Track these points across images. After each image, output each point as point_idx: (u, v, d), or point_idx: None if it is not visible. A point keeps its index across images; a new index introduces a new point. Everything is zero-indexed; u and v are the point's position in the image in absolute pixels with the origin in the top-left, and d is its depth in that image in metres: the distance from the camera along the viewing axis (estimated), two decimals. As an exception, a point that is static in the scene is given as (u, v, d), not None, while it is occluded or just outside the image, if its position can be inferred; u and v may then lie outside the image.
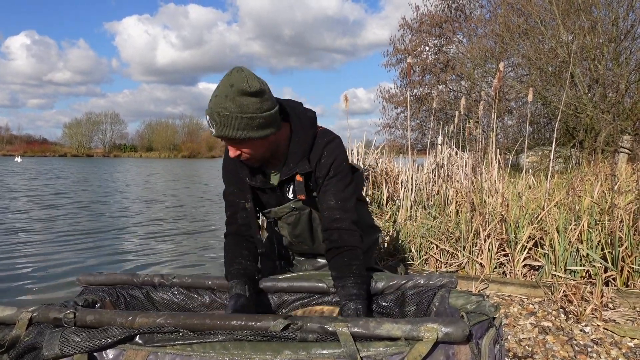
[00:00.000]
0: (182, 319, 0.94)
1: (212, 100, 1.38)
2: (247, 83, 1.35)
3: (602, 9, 9.75)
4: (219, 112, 1.35)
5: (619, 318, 2.14)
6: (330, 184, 1.55)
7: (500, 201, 3.13)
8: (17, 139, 70.21)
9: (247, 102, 1.36)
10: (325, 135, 1.60)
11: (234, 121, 1.36)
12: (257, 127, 1.40)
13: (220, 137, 1.40)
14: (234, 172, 1.63)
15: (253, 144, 1.43)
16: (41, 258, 4.13)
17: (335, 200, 1.54)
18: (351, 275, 1.42)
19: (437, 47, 15.61)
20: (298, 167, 1.54)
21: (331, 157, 1.55)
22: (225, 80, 1.37)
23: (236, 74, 1.37)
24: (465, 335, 0.88)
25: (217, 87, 1.39)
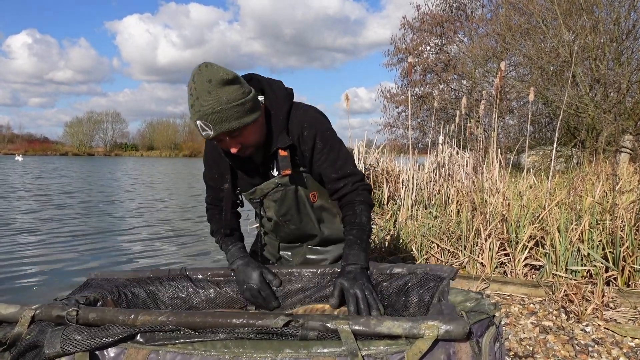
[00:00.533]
0: (184, 317, 0.94)
1: (195, 105, 1.35)
2: (224, 72, 1.34)
3: (603, 9, 9.74)
4: (211, 111, 1.33)
5: (620, 318, 2.14)
6: (324, 157, 1.54)
7: (501, 201, 3.12)
8: (19, 138, 70.32)
9: (232, 91, 1.35)
10: (300, 106, 1.58)
11: (229, 112, 1.34)
12: (249, 112, 1.39)
13: (219, 135, 1.37)
14: (213, 153, 1.62)
15: (249, 131, 1.42)
16: (46, 257, 4.14)
17: (335, 171, 1.54)
18: (346, 225, 1.51)
19: (438, 47, 15.59)
20: (278, 141, 1.51)
21: (313, 128, 1.53)
22: (199, 79, 1.34)
23: (206, 69, 1.35)
24: (465, 333, 0.88)
25: (193, 90, 1.35)
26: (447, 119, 12.84)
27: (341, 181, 1.54)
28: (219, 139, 1.40)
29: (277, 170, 1.56)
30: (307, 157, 1.55)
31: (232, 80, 1.36)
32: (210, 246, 4.70)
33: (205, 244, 4.90)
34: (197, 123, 1.36)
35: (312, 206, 1.63)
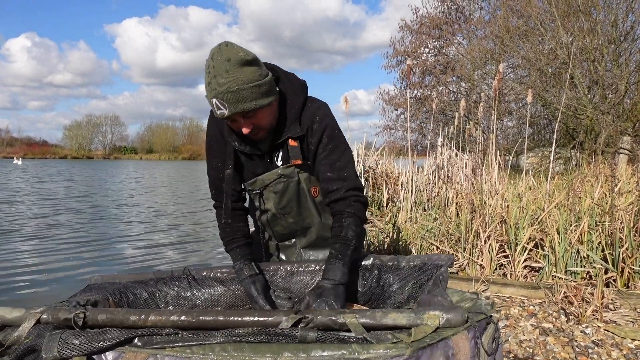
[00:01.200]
0: (195, 316, 0.95)
1: (212, 83, 1.33)
2: (244, 52, 1.34)
3: (601, 11, 9.77)
4: (228, 90, 1.32)
5: (620, 319, 2.14)
6: (325, 153, 1.52)
7: (500, 202, 3.12)
8: (18, 141, 70.34)
9: (250, 71, 1.34)
10: (315, 100, 1.58)
11: (245, 92, 1.33)
12: (265, 94, 1.38)
13: (234, 115, 1.36)
14: (219, 140, 1.59)
15: (263, 113, 1.41)
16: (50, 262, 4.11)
17: (332, 170, 1.51)
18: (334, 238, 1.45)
19: (436, 49, 15.63)
20: (290, 130, 1.50)
21: (323, 123, 1.53)
22: (217, 58, 1.33)
23: (226, 48, 1.34)
24: (464, 320, 0.92)
25: (211, 68, 1.34)
26: (446, 121, 12.86)
27: (336, 183, 1.50)
28: (232, 118, 1.39)
29: (282, 160, 1.56)
30: (312, 150, 1.54)
31: (250, 61, 1.36)
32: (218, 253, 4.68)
33: (214, 251, 4.89)
34: (212, 101, 1.35)
35: (313, 200, 1.62)
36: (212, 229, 6.15)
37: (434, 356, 0.88)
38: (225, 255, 4.13)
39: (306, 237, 1.70)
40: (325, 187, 1.51)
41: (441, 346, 0.90)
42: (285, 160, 1.56)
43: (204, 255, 4.30)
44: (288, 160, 1.55)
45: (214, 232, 5.72)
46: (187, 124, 75.92)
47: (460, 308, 0.95)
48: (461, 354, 0.91)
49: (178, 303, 1.49)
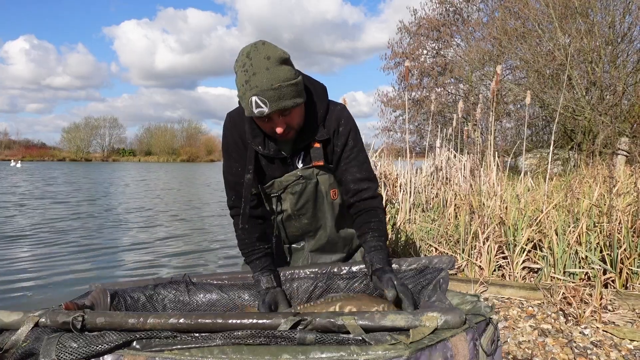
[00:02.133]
0: (193, 318, 0.95)
1: (252, 80, 1.33)
2: (281, 51, 1.36)
3: (598, 12, 9.80)
4: (270, 87, 1.32)
5: (618, 320, 2.14)
6: (352, 155, 1.56)
7: (499, 204, 3.13)
8: (16, 144, 70.19)
9: (287, 70, 1.36)
10: (337, 103, 1.61)
11: (286, 90, 1.34)
12: (300, 93, 1.41)
13: (273, 113, 1.36)
14: (239, 145, 1.58)
15: (297, 112, 1.43)
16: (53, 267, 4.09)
17: (360, 171, 1.55)
18: (370, 231, 1.49)
19: (435, 51, 15.66)
20: (316, 134, 1.52)
21: (348, 126, 1.56)
22: (256, 56, 1.33)
23: (263, 46, 1.36)
24: (462, 321, 0.93)
25: (248, 66, 1.33)
26: (445, 122, 12.88)
27: (365, 183, 1.55)
28: (269, 117, 1.39)
29: (302, 162, 1.57)
30: (337, 152, 1.56)
31: (287, 60, 1.38)
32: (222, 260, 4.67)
33: (217, 257, 4.87)
34: (252, 99, 1.34)
35: (331, 203, 1.64)
36: (215, 235, 6.14)
37: (432, 357, 0.88)
38: (225, 263, 4.14)
39: (315, 239, 1.72)
40: (356, 187, 1.55)
41: (440, 347, 0.90)
42: (306, 163, 1.57)
43: (207, 262, 4.28)
44: (309, 162, 1.57)
45: (218, 238, 5.70)
46: (185, 126, 75.88)
47: (458, 309, 0.95)
48: (460, 356, 0.91)
49: (176, 307, 1.48)
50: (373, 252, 1.42)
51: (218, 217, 7.68)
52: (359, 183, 1.54)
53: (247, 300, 1.52)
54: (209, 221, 7.31)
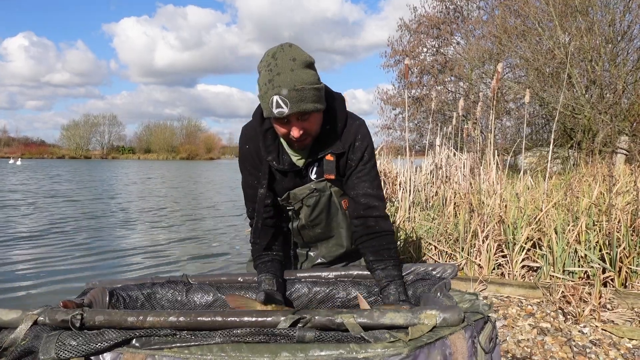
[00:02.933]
0: (193, 317, 0.95)
1: (275, 80, 1.33)
2: (307, 55, 1.38)
3: (598, 10, 9.79)
4: (293, 87, 1.32)
5: (618, 319, 2.14)
6: (366, 170, 1.57)
7: (498, 202, 3.13)
8: (15, 141, 70.13)
9: (312, 74, 1.37)
10: (356, 117, 1.61)
11: (308, 93, 1.35)
12: (322, 99, 1.42)
13: (293, 114, 1.36)
14: (254, 158, 1.60)
15: (316, 118, 1.44)
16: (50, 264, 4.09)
17: (372, 187, 1.56)
18: (391, 259, 1.49)
19: (435, 49, 15.64)
20: (332, 147, 1.52)
21: (365, 141, 1.57)
22: (282, 57, 1.34)
23: (290, 48, 1.37)
24: (460, 319, 0.94)
25: (272, 66, 1.34)
26: (444, 120, 12.87)
27: (376, 200, 1.56)
28: (287, 119, 1.39)
29: (316, 174, 1.58)
30: (352, 166, 1.57)
31: (312, 64, 1.40)
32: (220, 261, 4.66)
33: (216, 259, 4.87)
34: (273, 98, 1.34)
35: (344, 212, 1.66)
36: (216, 235, 6.13)
37: (431, 355, 0.89)
38: (224, 264, 4.13)
39: (325, 247, 1.75)
40: (366, 202, 1.56)
41: (438, 345, 0.90)
42: (319, 174, 1.58)
43: (206, 262, 4.27)
44: (322, 174, 1.58)
45: (218, 239, 5.69)
46: (185, 123, 75.88)
47: (456, 307, 0.96)
48: (458, 353, 0.91)
49: (173, 307, 1.48)
50: (394, 282, 1.44)
51: (230, 218, 7.66)
52: (369, 198, 1.55)
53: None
54: (209, 222, 7.31)
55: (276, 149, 1.54)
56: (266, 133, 1.52)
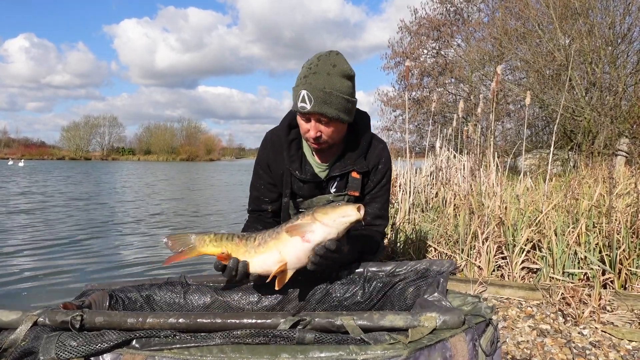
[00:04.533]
0: (193, 318, 0.95)
1: (310, 77, 1.39)
2: (349, 67, 1.42)
3: (598, 13, 9.80)
4: (321, 88, 1.37)
5: (617, 320, 2.14)
6: (381, 192, 1.63)
7: (498, 204, 3.13)
8: (15, 142, 70.16)
9: (347, 85, 1.41)
10: (380, 140, 1.68)
11: (335, 99, 1.39)
12: (348, 112, 1.45)
13: (313, 113, 1.40)
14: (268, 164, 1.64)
15: (336, 127, 1.47)
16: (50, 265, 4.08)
17: (381, 209, 1.62)
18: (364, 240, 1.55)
19: (435, 50, 15.66)
20: (356, 164, 1.56)
21: (387, 165, 1.63)
22: (324, 60, 1.40)
23: (336, 56, 1.42)
24: (460, 322, 0.94)
25: (313, 65, 1.40)
26: (444, 122, 12.88)
27: (380, 220, 1.64)
28: (308, 116, 1.43)
29: (336, 189, 1.62)
30: (370, 187, 1.63)
31: (351, 77, 1.44)
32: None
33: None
34: (301, 92, 1.39)
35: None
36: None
37: (431, 357, 0.89)
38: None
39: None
40: (371, 221, 1.63)
41: (439, 347, 0.90)
42: (340, 189, 1.62)
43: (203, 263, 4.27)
44: (342, 189, 1.62)
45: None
46: (185, 125, 75.91)
47: (457, 310, 0.96)
48: (459, 355, 0.91)
49: (171, 309, 1.48)
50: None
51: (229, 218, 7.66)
52: (375, 219, 1.62)
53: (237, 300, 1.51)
54: (209, 220, 7.31)
55: (299, 159, 1.59)
56: (291, 143, 1.58)
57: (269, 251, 1.32)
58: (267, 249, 1.33)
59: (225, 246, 1.37)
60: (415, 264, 1.49)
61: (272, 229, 1.34)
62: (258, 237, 1.35)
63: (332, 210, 1.24)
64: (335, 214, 1.24)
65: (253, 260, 1.35)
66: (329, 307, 1.48)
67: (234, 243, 1.37)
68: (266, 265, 1.33)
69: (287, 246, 1.30)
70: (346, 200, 1.61)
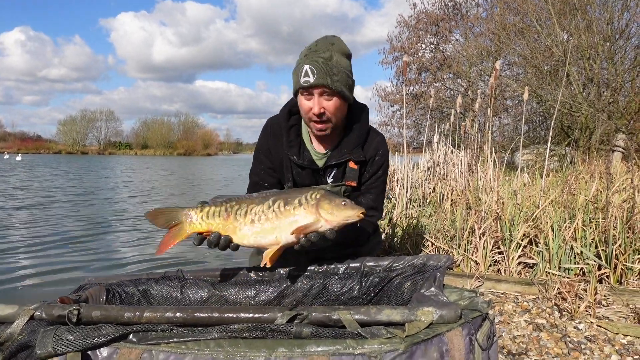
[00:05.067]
0: (190, 312, 0.95)
1: (310, 54, 1.45)
2: (346, 47, 1.50)
3: (597, 9, 9.79)
4: (324, 61, 1.43)
5: (613, 315, 2.16)
6: (377, 183, 1.64)
7: (495, 199, 3.14)
8: (11, 136, 69.80)
9: (346, 62, 1.48)
10: (378, 132, 1.70)
11: (337, 72, 1.44)
12: (349, 88, 1.50)
13: (317, 86, 1.43)
14: (268, 150, 1.66)
15: (338, 104, 1.50)
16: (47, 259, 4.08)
17: (375, 200, 1.63)
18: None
19: (433, 45, 15.62)
20: (353, 154, 1.57)
21: (383, 157, 1.64)
22: (323, 40, 1.49)
23: (333, 38, 1.51)
24: (457, 316, 0.94)
25: (313, 45, 1.47)
26: (442, 117, 12.88)
27: (372, 211, 1.64)
28: (311, 91, 1.46)
29: (333, 178, 1.64)
30: (366, 177, 1.64)
31: (349, 56, 1.51)
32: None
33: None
34: (304, 67, 1.44)
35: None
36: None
37: (428, 352, 0.89)
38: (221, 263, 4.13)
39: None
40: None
41: (435, 342, 0.90)
42: (337, 179, 1.63)
43: (201, 258, 4.27)
44: (340, 179, 1.63)
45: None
46: (182, 119, 75.61)
47: (453, 304, 0.96)
48: (455, 350, 0.92)
49: (168, 303, 1.48)
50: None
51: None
52: (368, 210, 1.61)
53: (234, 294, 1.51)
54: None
55: (298, 145, 1.61)
56: (291, 129, 1.60)
57: (264, 232, 1.32)
58: (262, 230, 1.32)
59: (213, 223, 1.36)
60: (413, 258, 1.48)
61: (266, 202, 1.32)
62: (249, 212, 1.34)
63: (337, 211, 1.28)
64: (341, 216, 1.29)
65: (242, 235, 1.34)
66: (326, 301, 1.48)
67: (221, 219, 1.35)
68: (257, 242, 1.34)
69: (286, 232, 1.31)
70: (343, 190, 1.61)
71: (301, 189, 1.38)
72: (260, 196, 1.36)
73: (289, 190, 1.41)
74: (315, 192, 1.32)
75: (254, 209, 1.33)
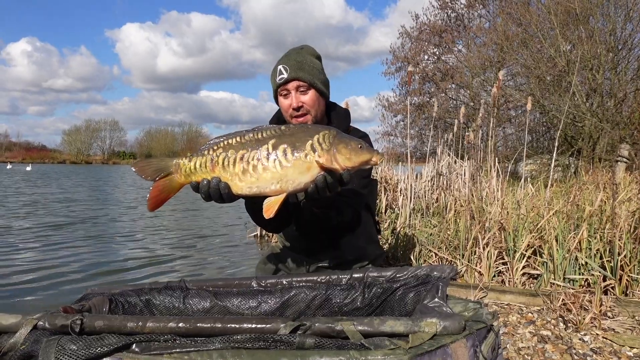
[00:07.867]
0: (193, 322, 0.95)
1: (282, 58, 1.61)
2: (315, 50, 1.64)
3: (599, 19, 9.84)
4: (295, 58, 1.57)
5: (618, 327, 2.13)
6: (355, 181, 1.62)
7: (499, 209, 3.13)
8: (16, 146, 70.31)
9: (317, 62, 1.62)
10: (360, 131, 1.76)
11: (307, 67, 1.56)
12: (322, 81, 1.61)
13: (292, 80, 1.55)
14: None
15: (314, 97, 1.60)
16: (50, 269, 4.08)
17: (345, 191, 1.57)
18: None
19: (436, 56, 15.70)
20: None
21: None
22: (292, 48, 1.64)
23: (302, 45, 1.66)
24: (461, 328, 0.94)
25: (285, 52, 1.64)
26: (445, 128, 12.89)
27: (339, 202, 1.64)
28: (287, 88, 1.57)
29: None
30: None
31: (319, 57, 1.65)
32: (216, 267, 4.67)
33: (212, 264, 4.86)
34: (277, 68, 1.58)
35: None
36: (212, 240, 6.13)
37: (431, 363, 0.88)
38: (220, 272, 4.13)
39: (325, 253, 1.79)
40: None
41: (439, 353, 0.90)
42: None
43: (203, 268, 4.26)
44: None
45: (215, 245, 5.69)
46: (186, 129, 76.07)
47: (457, 316, 0.95)
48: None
49: (171, 313, 1.48)
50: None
51: (230, 227, 7.66)
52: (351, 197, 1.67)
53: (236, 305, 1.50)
54: (208, 226, 7.31)
55: None
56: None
57: (264, 182, 1.20)
58: (261, 180, 1.20)
59: (204, 173, 1.25)
60: (416, 269, 1.48)
61: (264, 147, 1.18)
62: (241, 160, 1.20)
63: (355, 156, 1.17)
64: (358, 160, 1.18)
65: (236, 186, 1.22)
66: (329, 312, 1.47)
67: (208, 170, 1.24)
68: (254, 193, 1.22)
69: (294, 182, 1.19)
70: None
71: (302, 126, 1.26)
72: (255, 137, 1.20)
73: (288, 126, 1.24)
74: (327, 132, 1.19)
75: (246, 155, 1.20)
